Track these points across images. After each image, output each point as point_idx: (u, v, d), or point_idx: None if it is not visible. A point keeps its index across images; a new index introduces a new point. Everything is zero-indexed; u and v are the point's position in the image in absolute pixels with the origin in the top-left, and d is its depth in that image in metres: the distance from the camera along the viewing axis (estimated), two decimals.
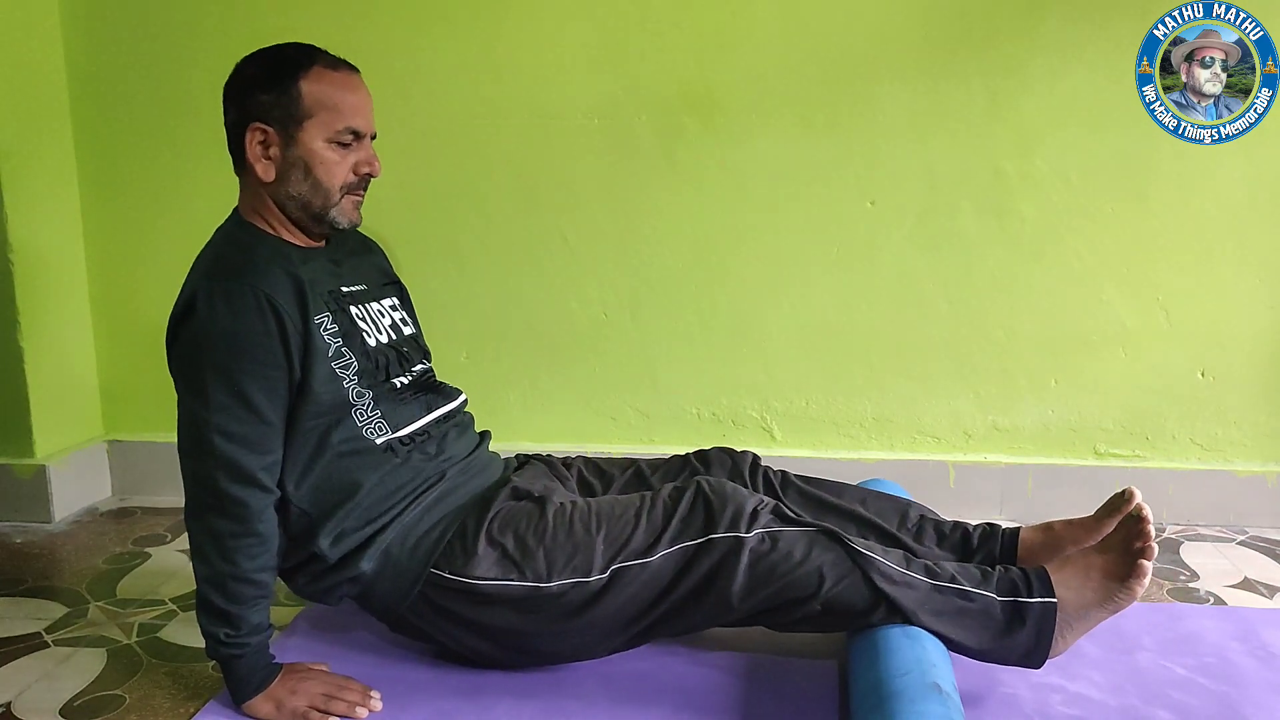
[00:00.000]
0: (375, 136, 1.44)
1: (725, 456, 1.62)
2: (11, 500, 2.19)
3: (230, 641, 1.31)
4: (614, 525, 1.38)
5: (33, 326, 2.16)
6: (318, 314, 1.36)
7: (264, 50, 1.40)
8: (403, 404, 1.45)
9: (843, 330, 2.16)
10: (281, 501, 1.36)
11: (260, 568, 1.31)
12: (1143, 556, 1.29)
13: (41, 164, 2.18)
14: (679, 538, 1.36)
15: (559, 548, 1.37)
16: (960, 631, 1.31)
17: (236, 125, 1.39)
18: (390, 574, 1.39)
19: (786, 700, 1.39)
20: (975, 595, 1.32)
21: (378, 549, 1.38)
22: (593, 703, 1.38)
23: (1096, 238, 2.06)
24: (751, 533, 1.34)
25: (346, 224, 1.43)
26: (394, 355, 1.47)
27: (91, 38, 2.21)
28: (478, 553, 1.37)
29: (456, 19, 2.12)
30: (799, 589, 1.33)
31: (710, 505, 1.37)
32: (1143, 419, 2.13)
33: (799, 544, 1.34)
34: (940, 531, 1.53)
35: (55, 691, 1.46)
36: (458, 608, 1.38)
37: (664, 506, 1.40)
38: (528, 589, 1.35)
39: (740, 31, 2.07)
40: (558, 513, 1.41)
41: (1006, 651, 1.32)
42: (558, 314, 2.22)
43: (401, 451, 1.42)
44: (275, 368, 1.31)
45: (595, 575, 1.35)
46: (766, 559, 1.33)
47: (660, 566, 1.35)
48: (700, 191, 2.14)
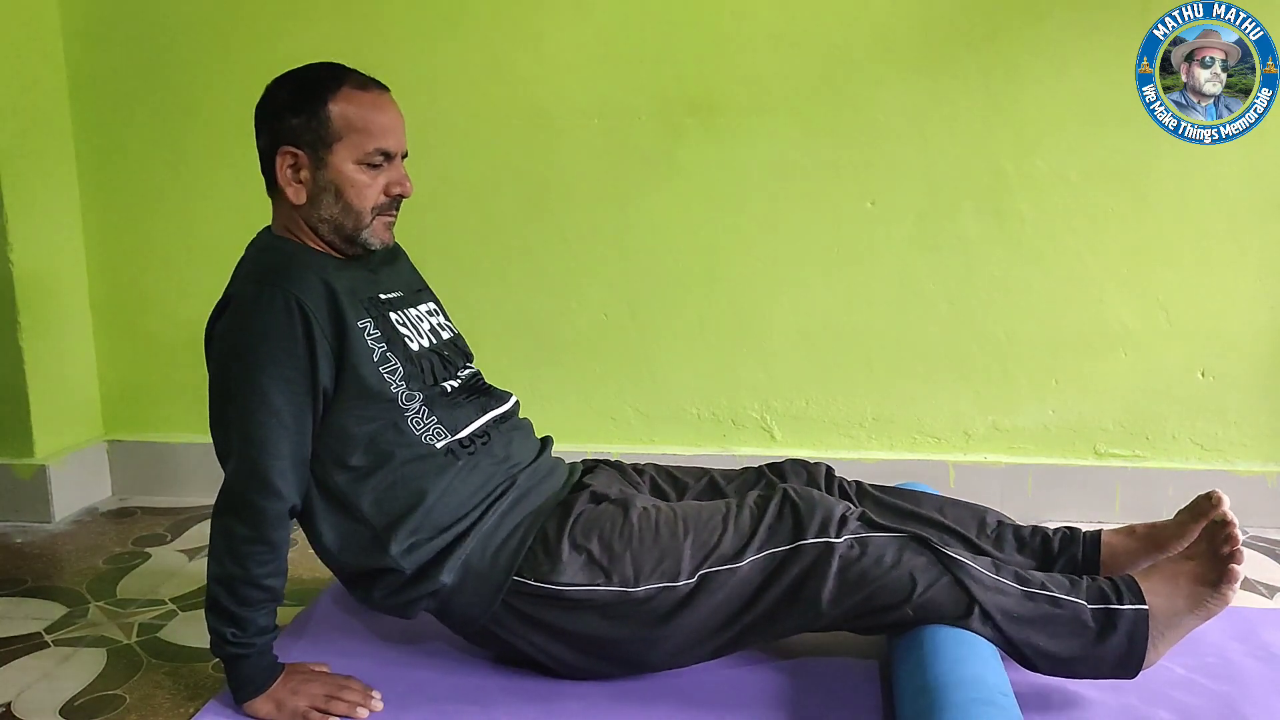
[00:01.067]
0: (407, 155, 1.44)
1: (800, 468, 1.59)
2: (11, 500, 2.19)
3: (236, 641, 1.31)
4: (701, 530, 1.36)
5: (33, 326, 2.16)
6: (359, 319, 1.35)
7: (293, 72, 1.40)
8: (456, 407, 1.43)
9: (843, 330, 2.16)
10: (346, 515, 1.35)
11: (269, 574, 1.31)
12: (1233, 561, 1.28)
13: (41, 165, 2.18)
14: (767, 543, 1.34)
15: (646, 552, 1.34)
16: (1051, 640, 1.29)
17: (268, 149, 1.39)
18: (471, 584, 1.36)
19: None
20: (1065, 602, 1.29)
21: (457, 560, 1.35)
22: (593, 703, 1.38)
23: (1096, 238, 2.06)
24: (841, 538, 1.32)
25: (378, 245, 1.43)
26: (437, 360, 1.45)
27: (91, 39, 2.21)
28: (562, 558, 1.35)
29: (457, 20, 2.12)
30: (890, 594, 1.30)
31: (798, 511, 1.35)
32: (1143, 419, 2.13)
33: (889, 549, 1.32)
34: (1020, 537, 1.50)
35: (55, 691, 1.46)
36: (542, 615, 1.36)
37: (751, 512, 1.38)
38: (615, 594, 1.33)
39: (740, 32, 2.07)
40: (642, 516, 1.38)
41: (1099, 661, 1.29)
42: (558, 314, 2.22)
43: (463, 455, 1.40)
44: (296, 369, 1.30)
45: (683, 580, 1.33)
46: (857, 565, 1.31)
47: (749, 572, 1.33)
48: (700, 192, 2.14)
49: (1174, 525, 1.45)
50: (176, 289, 2.28)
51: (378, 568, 1.36)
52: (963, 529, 1.50)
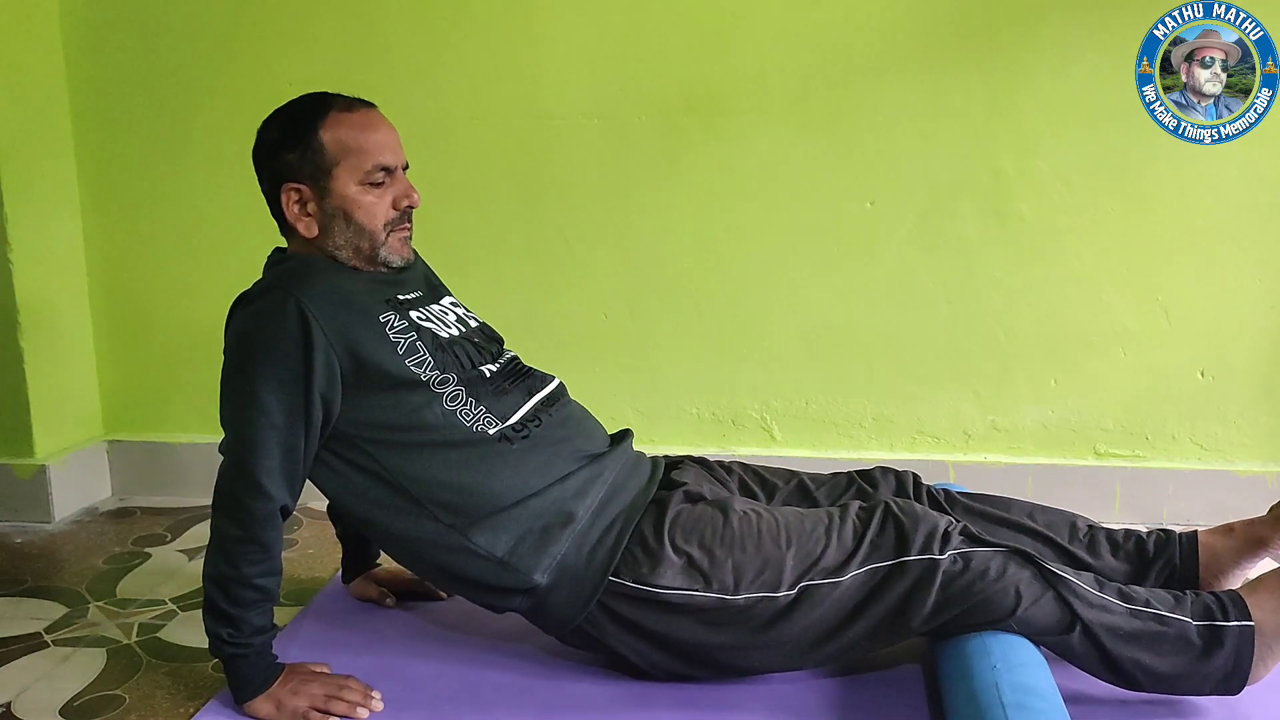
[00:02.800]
0: (408, 166, 1.43)
1: (890, 476, 1.57)
2: (11, 500, 2.19)
3: (233, 642, 1.31)
4: (804, 541, 1.34)
5: (33, 326, 2.16)
6: (382, 313, 1.36)
7: (279, 110, 1.41)
8: (503, 394, 1.42)
9: (843, 330, 2.16)
10: (415, 514, 1.35)
11: (261, 574, 1.31)
12: None
13: (41, 164, 2.18)
14: (870, 558, 1.32)
15: (748, 559, 1.32)
16: (1155, 657, 1.27)
17: (271, 190, 1.40)
18: (567, 584, 1.34)
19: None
20: (1170, 620, 1.27)
21: (551, 560, 1.34)
22: (593, 704, 1.38)
23: (1096, 238, 2.06)
24: (945, 554, 1.30)
25: (399, 261, 1.43)
26: (470, 345, 1.45)
27: (91, 40, 2.21)
28: (662, 560, 1.33)
29: (456, 19, 2.12)
30: (992, 610, 1.29)
31: (902, 526, 1.33)
32: (1143, 419, 2.13)
33: (992, 563, 1.30)
34: (1113, 540, 1.48)
35: (55, 691, 1.46)
36: (639, 617, 1.34)
37: (854, 526, 1.35)
38: (714, 600, 1.31)
39: (740, 32, 2.07)
40: (743, 521, 1.36)
41: (1203, 678, 1.27)
42: (557, 313, 2.22)
43: (517, 440, 1.38)
44: (289, 371, 1.29)
45: (784, 591, 1.31)
46: (960, 579, 1.29)
47: (850, 587, 1.31)
48: (700, 191, 2.14)
49: (1271, 520, 1.44)
50: (176, 289, 2.28)
51: (464, 561, 1.35)
52: (1054, 534, 1.48)
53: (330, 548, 1.93)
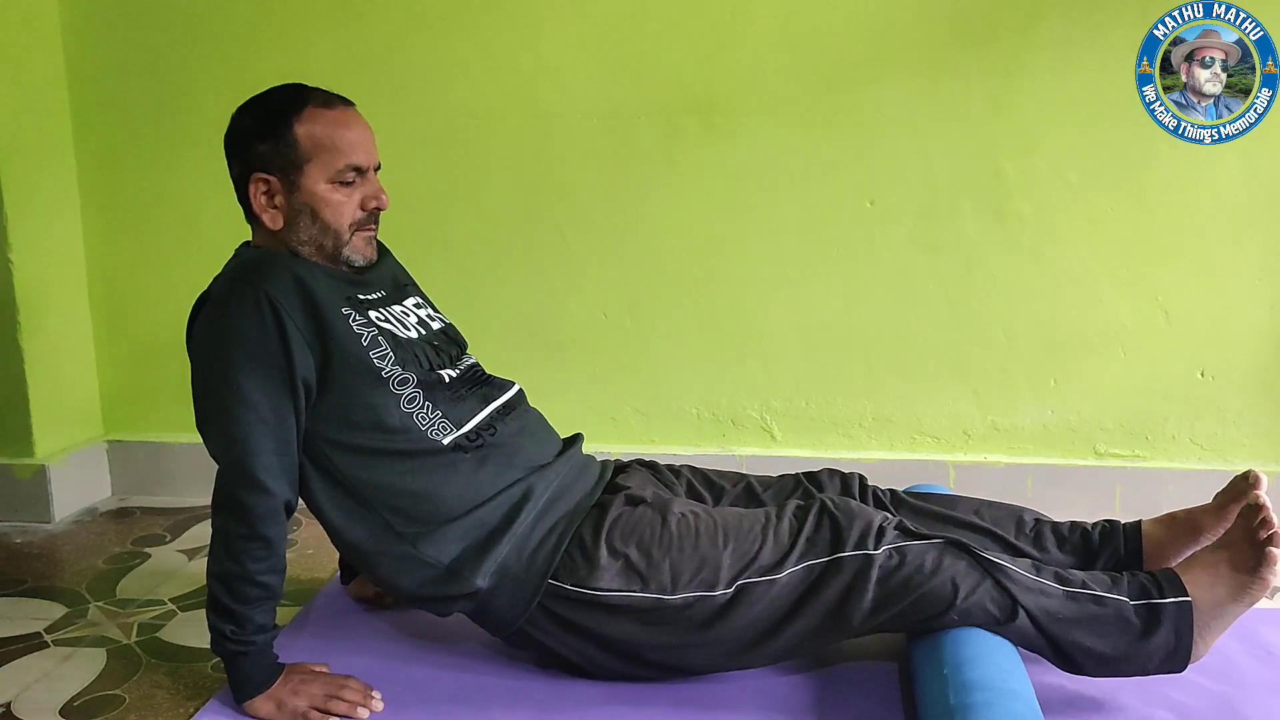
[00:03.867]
0: (380, 168, 1.43)
1: (835, 477, 1.58)
2: (11, 500, 2.19)
3: (235, 639, 1.32)
4: (741, 540, 1.35)
5: (33, 326, 2.16)
6: (343, 308, 1.36)
7: (256, 98, 1.41)
8: (459, 401, 1.42)
9: (842, 330, 2.16)
10: (366, 513, 1.35)
11: (265, 571, 1.31)
12: (1271, 544, 1.26)
13: (41, 165, 2.18)
14: (806, 555, 1.33)
15: (685, 560, 1.34)
16: (1097, 639, 1.28)
17: (240, 178, 1.40)
18: (508, 588, 1.36)
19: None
20: (1109, 600, 1.29)
21: (492, 563, 1.35)
22: (591, 704, 1.38)
23: (1096, 237, 2.06)
24: (880, 549, 1.31)
25: (361, 261, 1.43)
26: (429, 348, 1.45)
27: (91, 38, 2.21)
28: (600, 563, 1.34)
29: (456, 19, 2.12)
30: (932, 603, 1.30)
31: (837, 523, 1.35)
32: (1143, 419, 2.13)
33: (928, 556, 1.31)
34: (1059, 534, 1.50)
35: (55, 691, 1.46)
36: (578, 619, 1.36)
37: (790, 523, 1.37)
38: (651, 600, 1.33)
39: (739, 32, 2.07)
40: (681, 522, 1.38)
41: (1146, 657, 1.29)
42: (557, 314, 2.22)
43: (470, 449, 1.39)
44: (271, 364, 1.30)
45: (720, 590, 1.32)
46: (897, 574, 1.30)
47: (787, 584, 1.33)
48: (699, 191, 2.14)
49: (1213, 508, 1.44)
50: (176, 289, 2.28)
51: (407, 565, 1.35)
52: (1000, 530, 1.49)
53: (330, 548, 1.92)
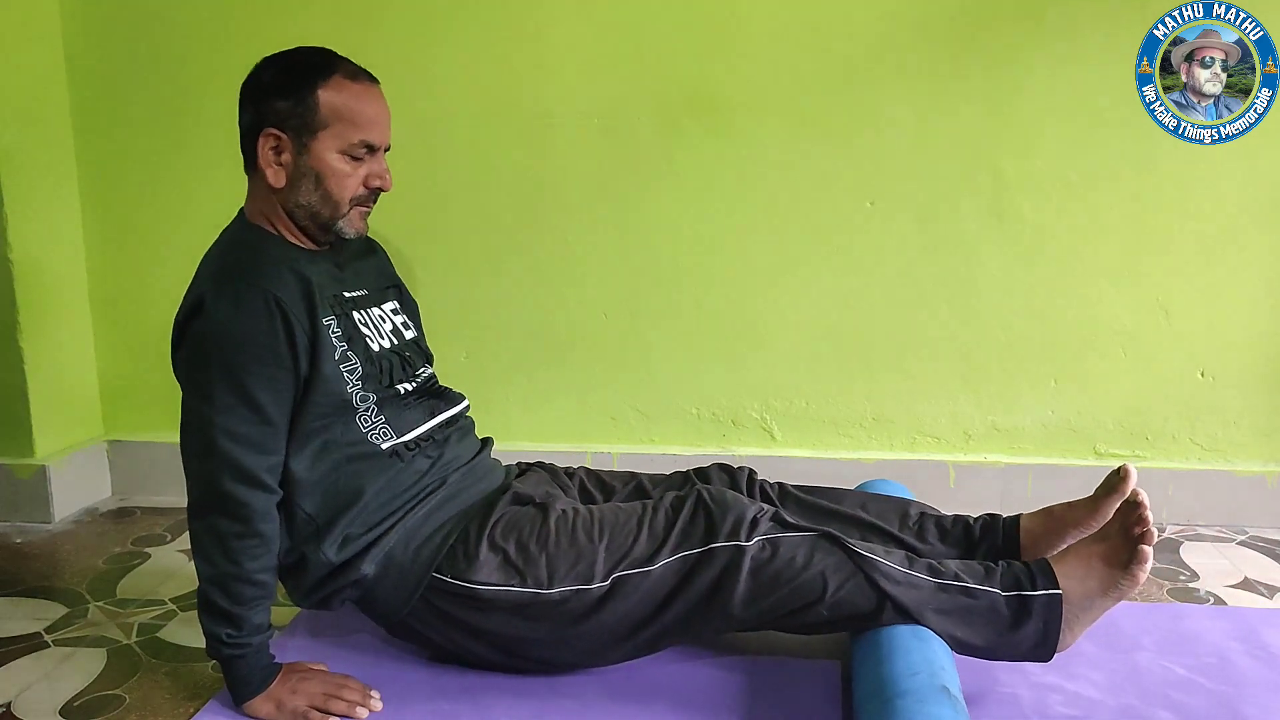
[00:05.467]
0: (389, 149, 1.43)
1: (723, 472, 1.61)
2: (11, 500, 2.19)
3: (232, 641, 1.31)
4: (616, 533, 1.38)
5: (33, 326, 2.16)
6: (325, 316, 1.36)
7: (284, 54, 1.39)
8: (407, 409, 1.45)
9: (843, 330, 2.16)
10: (287, 507, 1.36)
11: (263, 568, 1.31)
12: (1143, 541, 1.28)
13: (41, 164, 2.18)
14: (680, 546, 1.36)
15: (561, 554, 1.37)
16: (966, 629, 1.31)
17: (251, 128, 1.38)
18: (393, 577, 1.39)
19: (788, 700, 1.39)
20: (979, 592, 1.32)
21: (380, 551, 1.38)
22: (589, 703, 1.38)
23: (1096, 237, 2.06)
24: (752, 541, 1.33)
25: (353, 234, 1.43)
26: (397, 360, 1.46)
27: (91, 38, 2.21)
28: (479, 558, 1.37)
29: (456, 19, 2.12)
30: (803, 595, 1.33)
31: (711, 514, 1.37)
32: (1143, 419, 2.13)
33: (800, 549, 1.34)
34: (942, 527, 1.52)
35: (55, 691, 1.46)
36: (459, 612, 1.38)
37: (666, 515, 1.40)
38: (528, 595, 1.36)
39: (740, 32, 2.07)
40: (560, 519, 1.41)
41: (1014, 647, 1.31)
42: (558, 314, 2.22)
43: (406, 456, 1.42)
44: (280, 368, 1.30)
45: (596, 583, 1.35)
46: (769, 566, 1.33)
47: (661, 575, 1.35)
48: (700, 192, 2.14)
49: (1089, 503, 1.45)
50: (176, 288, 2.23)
51: (307, 560, 1.36)
52: (884, 523, 1.51)
53: None
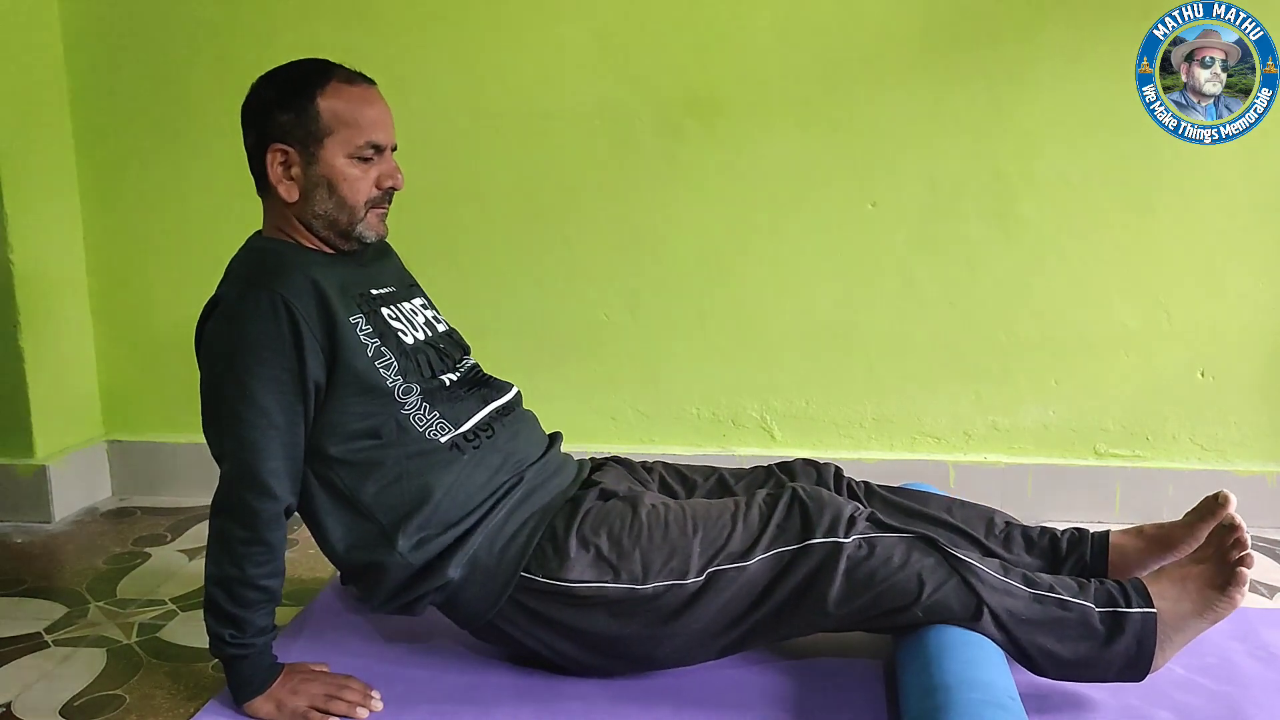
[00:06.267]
0: (396, 148, 1.44)
1: (810, 468, 1.59)
2: (11, 500, 2.19)
3: (235, 642, 1.31)
4: (710, 528, 1.36)
5: (33, 326, 2.16)
6: (351, 314, 1.35)
7: (279, 69, 1.40)
8: (458, 401, 1.43)
9: (843, 330, 2.16)
10: (346, 511, 1.35)
11: (267, 574, 1.31)
12: (1241, 565, 1.27)
13: (41, 164, 2.18)
14: (776, 542, 1.34)
15: (655, 549, 1.34)
16: (1059, 643, 1.29)
17: (257, 147, 1.39)
18: (479, 579, 1.36)
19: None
20: (1073, 605, 1.29)
21: (464, 555, 1.35)
22: (593, 704, 1.38)
23: (1097, 238, 2.06)
24: (849, 538, 1.32)
25: (374, 237, 1.43)
26: (434, 353, 1.45)
27: (91, 39, 2.21)
28: (570, 554, 1.35)
29: (456, 19, 2.12)
30: (898, 596, 1.30)
31: (807, 510, 1.36)
32: (1143, 419, 2.13)
33: (897, 549, 1.32)
34: (1028, 538, 1.50)
35: (55, 691, 1.46)
36: (550, 611, 1.36)
37: (760, 511, 1.38)
38: (623, 591, 1.33)
39: (741, 33, 2.07)
40: (651, 513, 1.38)
41: (1106, 664, 1.29)
42: (558, 314, 2.22)
43: (468, 449, 1.39)
44: (285, 369, 1.30)
45: (692, 578, 1.33)
46: (865, 565, 1.31)
47: (757, 571, 1.33)
48: (701, 192, 2.14)
49: (1182, 526, 1.44)
50: (176, 289, 2.28)
51: (384, 564, 1.35)
52: (971, 529, 1.49)
53: None
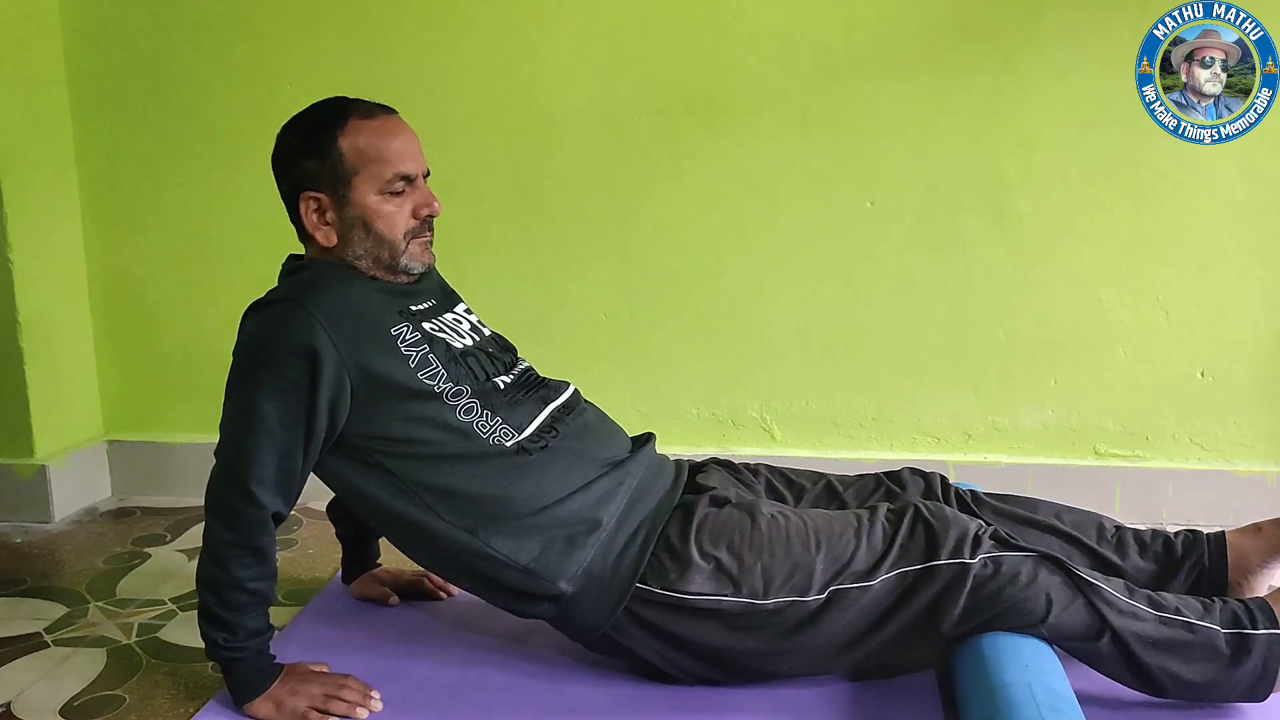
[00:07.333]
0: (429, 174, 1.42)
1: (918, 477, 1.56)
2: (11, 500, 2.19)
3: (229, 646, 1.31)
4: (834, 544, 1.32)
5: (33, 327, 2.16)
6: (394, 326, 1.34)
7: (299, 115, 1.39)
8: (517, 405, 1.41)
9: (843, 330, 2.16)
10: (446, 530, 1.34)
11: (254, 578, 1.30)
12: None
13: (41, 164, 2.18)
14: (900, 562, 1.31)
15: (777, 563, 1.31)
16: (1183, 665, 1.26)
17: (290, 197, 1.38)
18: (594, 592, 1.33)
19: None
20: (1199, 627, 1.26)
21: (577, 567, 1.33)
22: (594, 704, 1.38)
23: (1096, 237, 2.06)
24: (976, 559, 1.29)
25: (420, 268, 1.42)
26: (484, 356, 1.43)
27: (91, 39, 2.21)
28: (690, 566, 1.31)
29: (456, 19, 2.12)
30: (1023, 615, 1.28)
31: (932, 530, 1.32)
32: (1143, 419, 2.13)
33: (1024, 568, 1.29)
34: (1141, 541, 1.47)
35: (55, 691, 1.46)
36: (666, 623, 1.33)
37: (884, 529, 1.34)
38: (742, 605, 1.30)
39: (740, 32, 2.07)
40: (771, 524, 1.35)
41: (1230, 686, 1.26)
42: (558, 314, 2.22)
43: (535, 451, 1.37)
44: (290, 381, 1.28)
45: (813, 595, 1.30)
46: (990, 584, 1.28)
47: (880, 591, 1.30)
48: (700, 191, 2.14)
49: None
50: (176, 289, 2.28)
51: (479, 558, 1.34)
52: (1082, 535, 1.47)
53: (330, 548, 1.92)
